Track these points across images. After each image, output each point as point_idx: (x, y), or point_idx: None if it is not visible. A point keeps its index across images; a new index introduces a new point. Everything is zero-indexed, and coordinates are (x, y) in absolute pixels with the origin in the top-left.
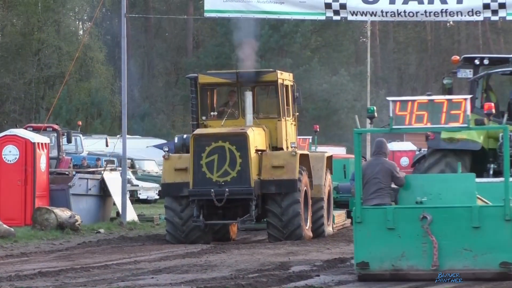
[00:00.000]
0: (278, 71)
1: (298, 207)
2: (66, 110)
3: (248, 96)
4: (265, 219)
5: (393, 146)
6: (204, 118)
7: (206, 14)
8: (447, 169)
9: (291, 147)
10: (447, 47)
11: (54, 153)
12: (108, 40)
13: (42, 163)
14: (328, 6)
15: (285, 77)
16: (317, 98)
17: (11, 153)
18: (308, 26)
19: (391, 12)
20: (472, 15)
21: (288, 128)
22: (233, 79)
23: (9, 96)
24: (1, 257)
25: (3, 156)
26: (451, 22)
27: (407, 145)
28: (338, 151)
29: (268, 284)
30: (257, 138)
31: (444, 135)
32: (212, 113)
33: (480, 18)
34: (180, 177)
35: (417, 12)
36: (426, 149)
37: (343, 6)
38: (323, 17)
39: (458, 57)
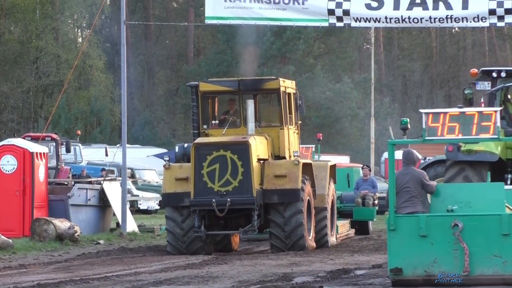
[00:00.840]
0: (280, 79)
1: (301, 217)
2: (65, 119)
3: (250, 104)
4: (267, 230)
5: (398, 155)
6: (205, 126)
7: (207, 21)
8: (465, 181)
9: (294, 156)
10: (453, 54)
11: (53, 163)
12: (108, 47)
13: (41, 173)
14: (331, 12)
15: (288, 85)
16: (320, 106)
17: (9, 163)
18: (311, 33)
19: (395, 18)
20: (478, 21)
21: (291, 136)
22: (235, 87)
23: (7, 105)
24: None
25: (1, 166)
26: (456, 28)
27: None
28: (342, 160)
29: None
30: (259, 147)
31: (462, 147)
32: (213, 121)
33: (486, 24)
34: (181, 187)
35: (421, 18)
36: (430, 158)
37: (346, 13)
38: (326, 24)
39: (476, 70)
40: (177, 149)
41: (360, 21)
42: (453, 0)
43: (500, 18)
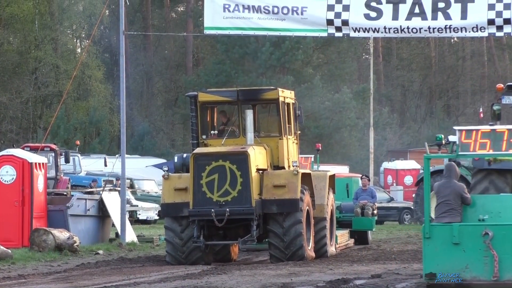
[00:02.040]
0: (279, 89)
1: (300, 227)
2: (64, 130)
3: (249, 114)
4: (266, 240)
5: (397, 164)
6: (204, 137)
7: (206, 31)
8: (491, 186)
9: (293, 166)
10: (452, 64)
11: (52, 173)
12: (107, 58)
13: (40, 183)
14: (330, 22)
15: (287, 95)
16: (319, 116)
17: (8, 174)
18: (310, 43)
19: (394, 28)
20: (477, 31)
21: (290, 146)
22: (234, 97)
23: (6, 115)
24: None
25: (0, 177)
26: (455, 38)
27: (411, 164)
28: (341, 170)
29: None
30: (258, 157)
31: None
32: (212, 132)
33: (485, 34)
34: (180, 197)
35: (420, 28)
36: (430, 168)
37: (345, 23)
38: (325, 34)
39: (502, 85)
40: (176, 159)
41: (359, 31)
42: (452, 10)
43: (499, 28)
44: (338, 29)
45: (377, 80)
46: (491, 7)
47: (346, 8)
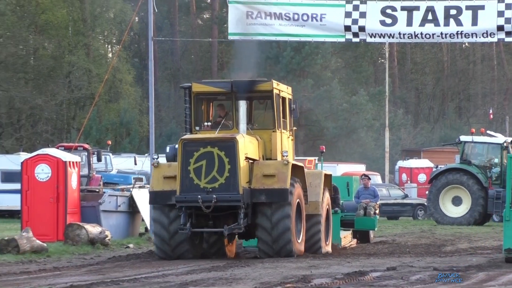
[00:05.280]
0: (274, 81)
1: (288, 219)
2: (96, 130)
3: (242, 105)
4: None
5: (411, 163)
6: (197, 128)
7: (230, 37)
8: None
9: (283, 155)
10: (463, 68)
11: (84, 171)
12: (136, 62)
13: (73, 181)
14: (347, 28)
15: (282, 89)
16: (338, 117)
17: (43, 172)
18: (328, 48)
19: (408, 34)
20: (487, 36)
21: (284, 141)
22: (228, 88)
23: (41, 117)
24: (34, 271)
25: (36, 175)
26: (466, 44)
27: (424, 163)
28: (358, 168)
29: None
30: (248, 146)
31: None
32: (206, 123)
33: (495, 39)
34: (169, 185)
35: (433, 34)
36: (442, 166)
37: (362, 29)
38: (342, 39)
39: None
40: (168, 149)
41: (375, 37)
42: (463, 17)
43: (508, 33)
44: (355, 34)
45: (392, 83)
46: (500, 14)
47: (363, 15)
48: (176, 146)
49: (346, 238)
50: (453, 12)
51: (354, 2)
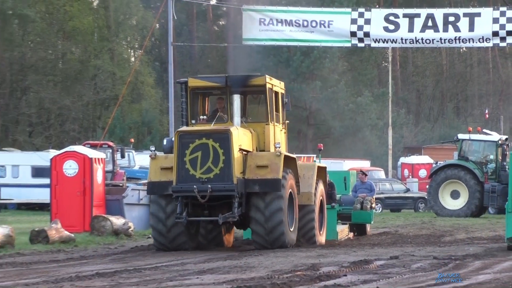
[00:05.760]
0: (267, 76)
1: (281, 208)
2: (120, 129)
3: (236, 99)
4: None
5: (412, 159)
6: (193, 122)
7: (244, 42)
8: None
9: (276, 147)
10: (461, 71)
11: (109, 167)
12: (157, 66)
13: (99, 176)
14: (353, 34)
15: (275, 83)
16: (344, 116)
17: (71, 167)
18: (335, 53)
19: (410, 39)
20: (483, 41)
21: (277, 133)
22: (222, 82)
23: (69, 116)
24: (63, 260)
25: (64, 170)
26: (464, 48)
27: (425, 159)
28: (363, 164)
29: (300, 283)
30: (241, 138)
31: None
32: (201, 116)
33: (490, 44)
34: (166, 176)
35: (433, 39)
36: (441, 162)
37: (366, 34)
38: (349, 44)
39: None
40: (165, 142)
41: (379, 42)
42: (461, 24)
43: (502, 39)
44: (361, 40)
45: (395, 85)
46: (495, 20)
47: (368, 21)
48: (173, 138)
49: (343, 231)
50: (451, 19)
51: (359, 10)
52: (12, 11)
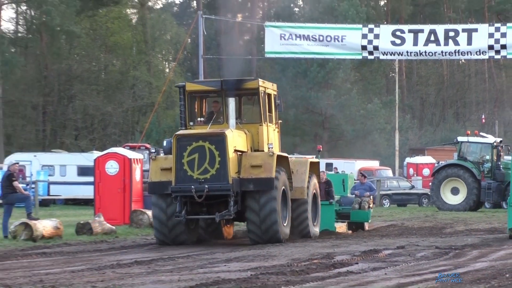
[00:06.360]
0: (260, 80)
1: (274, 204)
2: (156, 132)
3: (231, 102)
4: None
5: (417, 159)
6: (191, 123)
7: (267, 55)
8: None
9: (269, 148)
10: (460, 80)
11: (146, 166)
12: (189, 76)
13: (137, 175)
14: (364, 48)
15: (268, 86)
16: (356, 121)
17: (112, 167)
18: (348, 64)
19: (414, 52)
20: (479, 54)
21: (271, 133)
22: (218, 86)
23: (110, 121)
24: (105, 249)
25: (106, 169)
26: (462, 60)
27: (427, 159)
28: (373, 164)
29: (317, 270)
30: (236, 139)
31: None
32: (199, 119)
33: (486, 56)
34: (166, 176)
35: (435, 52)
36: (443, 162)
37: (376, 48)
38: (360, 57)
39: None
40: (165, 143)
41: (386, 55)
42: (460, 38)
43: (497, 52)
44: (370, 53)
45: (401, 93)
46: (490, 35)
47: (377, 36)
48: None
49: (341, 228)
50: (451, 34)
51: (369, 26)
52: (60, 28)
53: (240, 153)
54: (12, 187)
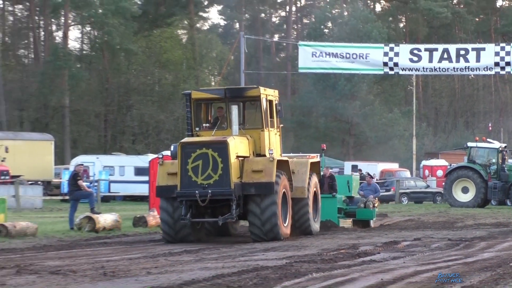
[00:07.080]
0: (261, 87)
1: (275, 207)
2: None
3: (234, 109)
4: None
5: (431, 162)
6: (197, 129)
7: (300, 70)
8: None
9: (270, 153)
10: (470, 93)
11: None
12: None
13: None
14: (385, 64)
15: (269, 93)
16: (378, 129)
17: None
18: (371, 79)
19: (429, 68)
20: (487, 70)
21: (272, 138)
22: (222, 94)
23: (163, 128)
24: (158, 240)
25: None
26: (472, 75)
27: (441, 162)
28: (393, 166)
29: (343, 259)
30: (238, 146)
31: None
32: (204, 124)
33: (492, 72)
34: (172, 180)
35: (448, 68)
36: (454, 164)
37: (396, 64)
38: (381, 72)
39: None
40: (172, 148)
41: (405, 70)
42: (469, 56)
43: (502, 68)
44: (391, 69)
45: (418, 104)
46: (497, 53)
47: (397, 54)
48: None
49: (346, 222)
50: (462, 52)
51: (390, 45)
52: (120, 46)
53: (242, 158)
54: (77, 185)
